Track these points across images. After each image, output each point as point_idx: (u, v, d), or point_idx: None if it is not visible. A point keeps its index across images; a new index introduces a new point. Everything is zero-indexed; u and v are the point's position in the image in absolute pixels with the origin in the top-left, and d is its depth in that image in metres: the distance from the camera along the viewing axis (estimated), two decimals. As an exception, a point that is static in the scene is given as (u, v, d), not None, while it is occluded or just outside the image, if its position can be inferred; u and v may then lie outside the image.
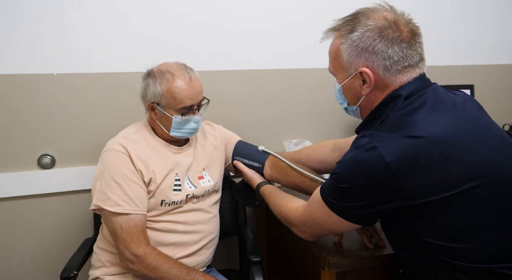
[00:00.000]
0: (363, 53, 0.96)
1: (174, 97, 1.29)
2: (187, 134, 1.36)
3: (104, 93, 1.64)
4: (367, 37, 0.95)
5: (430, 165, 0.86)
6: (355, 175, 0.91)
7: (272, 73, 1.82)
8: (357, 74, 0.98)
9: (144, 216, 1.28)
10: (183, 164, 1.38)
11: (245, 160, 1.49)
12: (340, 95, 1.07)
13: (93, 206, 1.28)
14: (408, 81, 0.96)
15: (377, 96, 0.99)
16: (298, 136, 1.87)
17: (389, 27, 0.95)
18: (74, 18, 1.57)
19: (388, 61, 0.95)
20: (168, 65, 1.34)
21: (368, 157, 0.89)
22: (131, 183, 1.26)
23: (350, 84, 1.02)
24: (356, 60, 0.97)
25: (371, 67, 0.96)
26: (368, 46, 0.95)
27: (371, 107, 1.02)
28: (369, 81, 0.97)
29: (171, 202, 1.33)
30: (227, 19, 1.74)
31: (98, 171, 1.31)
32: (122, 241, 1.23)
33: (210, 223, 1.41)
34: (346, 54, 0.99)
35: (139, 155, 1.29)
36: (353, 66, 0.98)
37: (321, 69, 1.84)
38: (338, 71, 1.04)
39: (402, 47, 0.95)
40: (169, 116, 1.31)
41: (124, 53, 1.63)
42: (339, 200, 0.95)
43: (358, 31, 0.96)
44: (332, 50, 1.04)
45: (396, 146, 0.87)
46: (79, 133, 1.63)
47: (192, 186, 1.38)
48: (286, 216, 1.17)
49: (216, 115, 1.72)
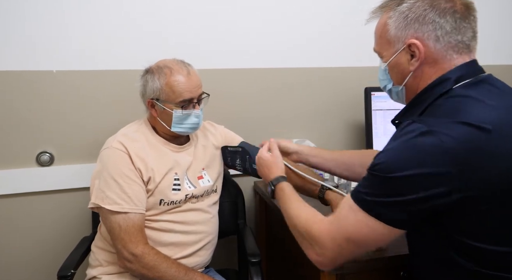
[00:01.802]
0: (413, 24, 0.90)
1: (173, 91, 1.29)
2: (188, 130, 1.35)
3: (104, 91, 1.63)
4: (417, 7, 0.89)
5: (491, 157, 0.79)
6: (407, 161, 0.80)
7: (273, 72, 1.81)
8: (405, 48, 0.92)
9: (143, 215, 1.27)
10: (182, 163, 1.37)
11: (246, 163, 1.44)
12: (385, 76, 1.00)
13: (91, 204, 1.27)
14: (459, 64, 0.90)
15: (425, 72, 0.92)
16: (299, 136, 1.86)
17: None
18: (74, 15, 1.56)
19: (440, 31, 0.88)
20: (165, 61, 1.35)
21: (424, 142, 0.80)
22: (130, 181, 1.25)
23: (397, 60, 0.95)
24: (405, 32, 0.91)
25: (421, 38, 0.89)
26: (418, 16, 0.89)
27: (417, 86, 0.94)
28: (419, 53, 0.90)
29: (170, 202, 1.32)
30: (230, 16, 1.72)
31: (97, 169, 1.30)
32: (120, 240, 1.22)
33: (209, 224, 1.40)
34: (393, 27, 0.93)
35: (138, 154, 1.28)
36: (401, 40, 0.92)
37: (323, 68, 1.86)
38: (384, 48, 0.97)
39: (456, 17, 0.88)
40: (169, 110, 1.31)
41: (124, 50, 1.62)
42: (383, 196, 0.83)
43: (407, 2, 0.91)
44: (379, 27, 0.98)
45: (455, 132, 0.79)
46: (78, 131, 1.62)
47: (192, 186, 1.37)
48: (306, 228, 0.96)
49: (217, 113, 1.71)
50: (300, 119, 1.88)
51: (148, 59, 1.38)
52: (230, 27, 1.73)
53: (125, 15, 1.61)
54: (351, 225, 0.87)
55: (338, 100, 1.90)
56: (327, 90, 1.88)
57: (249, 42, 1.76)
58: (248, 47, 1.76)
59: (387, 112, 1.78)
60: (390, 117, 1.74)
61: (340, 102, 1.90)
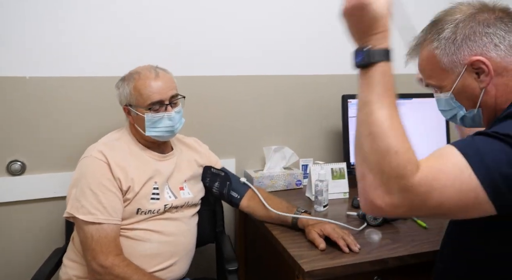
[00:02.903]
0: (465, 43, 0.86)
1: (141, 94, 1.29)
2: (164, 133, 1.34)
3: (79, 98, 1.59)
4: (462, 27, 0.86)
5: None
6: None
7: (252, 79, 1.81)
8: (468, 68, 0.86)
9: (117, 226, 1.24)
10: (164, 172, 1.36)
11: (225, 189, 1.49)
12: (453, 105, 0.92)
13: (66, 214, 1.25)
14: None
15: (499, 84, 0.86)
16: (278, 143, 1.86)
17: (480, 11, 0.87)
18: (48, 19, 1.52)
19: (496, 38, 0.84)
20: (138, 67, 1.36)
21: None
22: (107, 191, 1.23)
23: (462, 84, 0.88)
24: (459, 54, 0.86)
25: (480, 54, 0.85)
26: (468, 34, 0.85)
27: (494, 101, 0.87)
28: (486, 67, 0.84)
29: (147, 211, 1.30)
30: (209, 24, 1.72)
31: (74, 177, 1.28)
32: (90, 251, 1.19)
33: (187, 235, 1.39)
34: (444, 55, 0.88)
35: (118, 163, 1.27)
36: (459, 63, 0.87)
37: (301, 75, 1.87)
38: (442, 79, 0.90)
39: (504, 21, 0.85)
40: (141, 115, 1.31)
41: (99, 56, 1.59)
42: (497, 157, 0.68)
43: (448, 27, 0.87)
44: (425, 62, 0.93)
45: None
46: (52, 138, 1.58)
47: (172, 195, 1.36)
48: (397, 161, 0.68)
49: (197, 120, 1.70)
50: (279, 126, 1.88)
51: (125, 66, 1.38)
52: (209, 35, 1.72)
53: (105, 21, 1.59)
54: (450, 181, 0.68)
55: (315, 107, 1.92)
56: (305, 97, 1.90)
57: (228, 50, 1.76)
58: (227, 54, 1.76)
59: (364, 119, 1.80)
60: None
61: (317, 109, 1.92)
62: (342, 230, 1.24)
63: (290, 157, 1.81)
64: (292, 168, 1.85)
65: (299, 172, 1.82)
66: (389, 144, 0.69)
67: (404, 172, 0.67)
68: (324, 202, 1.52)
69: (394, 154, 0.69)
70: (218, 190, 1.49)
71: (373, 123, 0.72)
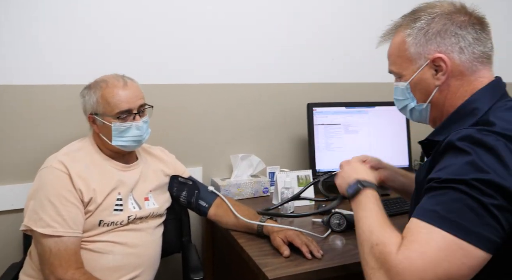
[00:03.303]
0: (434, 39, 0.89)
1: (108, 102, 1.27)
2: (131, 143, 1.31)
3: (38, 106, 1.54)
4: (436, 22, 0.89)
5: None
6: (482, 169, 0.71)
7: (217, 88, 1.82)
8: (429, 63, 0.90)
9: (78, 239, 1.21)
10: (128, 182, 1.34)
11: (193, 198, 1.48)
12: (407, 95, 0.96)
13: (23, 227, 1.21)
14: (489, 81, 0.89)
15: (452, 86, 0.89)
16: (245, 151, 1.87)
17: (458, 12, 0.89)
18: (15, 26, 1.47)
19: (463, 42, 0.87)
20: (104, 76, 1.34)
21: (491, 143, 0.73)
22: (67, 203, 1.20)
23: (420, 77, 0.92)
24: (426, 47, 0.89)
25: (445, 52, 0.88)
26: (439, 30, 0.88)
27: (443, 101, 0.91)
28: (445, 67, 0.88)
29: (110, 223, 1.27)
30: (174, 31, 1.71)
31: (33, 188, 1.23)
32: (48, 265, 1.15)
33: (152, 246, 1.36)
34: (413, 44, 0.91)
35: (80, 174, 1.24)
36: (423, 55, 0.90)
37: (266, 84, 1.89)
38: (404, 67, 0.94)
39: (476, 28, 0.88)
40: (108, 124, 1.28)
41: (60, 64, 1.55)
42: (462, 213, 0.70)
43: (424, 18, 0.90)
44: (395, 46, 0.95)
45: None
46: (8, 148, 1.52)
47: (137, 206, 1.34)
48: (383, 256, 0.74)
49: (162, 129, 1.68)
50: (245, 134, 1.89)
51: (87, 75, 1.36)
52: (174, 44, 1.71)
53: (73, 29, 1.56)
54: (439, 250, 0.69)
55: (282, 115, 1.94)
56: (271, 105, 1.92)
57: (193, 59, 1.75)
58: (193, 63, 1.76)
59: (328, 126, 1.84)
60: (331, 132, 1.85)
61: (283, 117, 1.95)
62: (306, 237, 1.26)
63: (257, 165, 1.83)
64: (259, 175, 1.86)
65: (266, 180, 1.83)
66: (372, 246, 0.79)
67: (388, 268, 0.72)
68: (290, 210, 1.54)
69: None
70: (185, 199, 1.48)
71: (359, 235, 0.84)
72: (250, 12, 1.83)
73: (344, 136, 1.85)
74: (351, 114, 1.86)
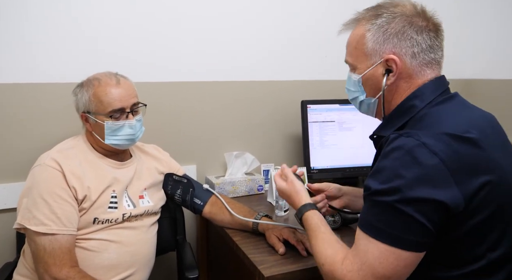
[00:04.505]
0: (391, 39, 0.92)
1: (101, 101, 1.26)
2: (124, 141, 1.31)
3: (31, 104, 1.52)
4: (396, 22, 0.92)
5: (479, 165, 0.81)
6: (407, 182, 0.78)
7: (211, 85, 1.81)
8: (382, 62, 0.93)
9: (72, 237, 1.20)
10: (122, 180, 1.33)
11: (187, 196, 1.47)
12: (358, 87, 1.00)
13: (16, 225, 1.19)
14: (432, 79, 0.93)
15: (400, 87, 0.94)
16: (239, 149, 1.87)
17: (418, 15, 0.93)
18: (5, 23, 1.45)
19: (417, 48, 0.91)
20: (97, 73, 1.32)
21: (418, 157, 0.79)
22: (61, 201, 1.19)
23: (372, 73, 0.96)
24: (383, 46, 0.92)
25: (398, 54, 0.92)
26: (398, 31, 0.91)
27: (391, 99, 0.96)
28: (396, 69, 0.92)
29: (105, 220, 1.26)
30: (169, 29, 1.70)
31: (26, 186, 1.22)
32: (43, 264, 1.14)
33: (147, 245, 1.36)
34: (372, 40, 0.94)
35: (73, 171, 1.23)
36: (379, 53, 0.93)
37: (260, 81, 1.89)
38: (360, 60, 0.97)
39: (431, 36, 0.92)
40: (101, 122, 1.27)
41: (50, 62, 1.53)
42: (392, 226, 0.80)
43: (386, 17, 0.93)
44: (354, 38, 0.98)
45: (444, 144, 0.80)
46: (2, 148, 1.50)
47: (131, 204, 1.33)
48: (332, 274, 0.87)
49: (156, 127, 1.67)
50: (239, 131, 1.89)
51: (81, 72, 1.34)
52: (167, 41, 1.70)
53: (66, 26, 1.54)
54: (375, 259, 0.81)
55: (276, 112, 1.94)
56: (265, 103, 1.92)
57: (187, 56, 1.74)
58: (186, 61, 1.75)
59: (323, 124, 1.85)
60: (325, 129, 1.85)
61: (278, 114, 1.94)
62: (301, 234, 1.26)
63: (252, 163, 1.82)
64: (253, 173, 1.86)
65: (261, 178, 1.83)
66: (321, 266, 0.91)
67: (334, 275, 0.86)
68: (284, 207, 1.54)
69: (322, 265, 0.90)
70: (180, 197, 1.48)
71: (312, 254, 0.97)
72: (243, 9, 1.82)
73: (339, 133, 1.86)
74: (345, 111, 1.87)
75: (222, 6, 1.78)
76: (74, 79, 1.36)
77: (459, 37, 2.32)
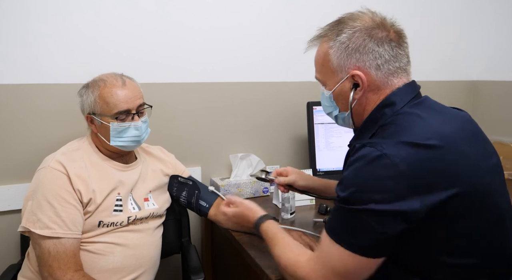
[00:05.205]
0: (354, 54, 0.93)
1: (107, 102, 1.24)
2: (130, 143, 1.29)
3: (36, 105, 1.51)
4: (356, 37, 0.93)
5: (442, 173, 0.82)
6: (368, 192, 0.82)
7: (218, 87, 1.80)
8: (349, 78, 0.95)
9: (77, 240, 1.19)
10: (127, 182, 1.31)
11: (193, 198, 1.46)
12: (331, 103, 1.02)
13: (21, 228, 1.18)
14: (401, 86, 0.95)
15: (370, 99, 0.96)
16: (244, 150, 1.85)
17: (377, 27, 0.94)
18: (11, 24, 1.44)
19: (380, 60, 0.93)
20: (102, 74, 1.31)
21: (379, 167, 0.81)
22: (66, 204, 1.17)
23: (341, 88, 0.98)
24: (347, 62, 0.94)
25: (363, 68, 0.93)
26: (359, 46, 0.93)
27: (363, 111, 0.98)
28: (362, 84, 0.94)
29: (110, 223, 1.25)
30: (175, 31, 1.69)
31: (31, 189, 1.21)
32: (47, 268, 1.13)
33: (152, 248, 1.34)
34: (335, 57, 0.96)
35: (78, 174, 1.22)
36: (344, 69, 0.95)
37: (266, 82, 1.88)
38: (328, 77, 0.99)
39: (392, 46, 0.94)
40: (106, 124, 1.26)
41: (53, 63, 1.52)
42: (353, 232, 0.84)
43: (346, 32, 0.94)
44: (320, 56, 1.00)
45: (404, 152, 0.81)
46: (6, 148, 1.49)
47: (136, 207, 1.32)
48: (295, 274, 0.94)
49: (160, 129, 1.66)
50: (245, 133, 1.88)
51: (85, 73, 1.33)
52: (172, 43, 1.69)
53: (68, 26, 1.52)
54: (335, 261, 0.87)
55: (281, 114, 1.93)
56: (271, 104, 1.90)
57: (193, 57, 1.73)
58: (191, 62, 1.74)
59: (329, 125, 1.83)
60: (331, 131, 1.83)
61: (283, 116, 1.93)
62: (309, 237, 1.24)
63: (257, 165, 1.81)
64: (259, 175, 1.84)
65: (266, 179, 1.81)
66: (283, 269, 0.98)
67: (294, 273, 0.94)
68: (291, 210, 1.52)
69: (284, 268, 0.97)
70: (186, 199, 1.46)
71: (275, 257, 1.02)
72: (249, 9, 1.81)
73: (344, 135, 1.84)
74: (351, 113, 1.85)
75: (229, 7, 1.77)
76: (78, 81, 1.35)
77: (464, 38, 2.31)
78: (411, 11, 2.13)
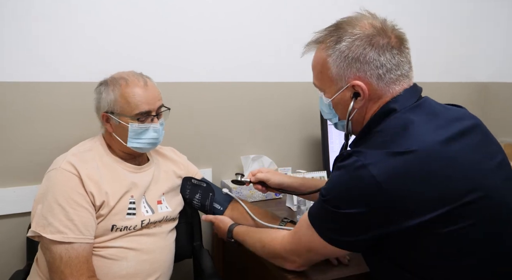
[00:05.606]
0: (354, 63, 0.90)
1: (129, 102, 1.20)
2: (147, 145, 1.25)
3: (46, 104, 1.46)
4: (356, 46, 0.90)
5: (424, 181, 0.80)
6: (345, 200, 0.85)
7: (229, 87, 1.75)
8: (349, 87, 0.92)
9: (90, 245, 1.14)
10: (140, 184, 1.27)
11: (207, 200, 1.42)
12: (330, 110, 1.00)
13: (31, 233, 1.13)
14: (400, 92, 0.92)
15: (370, 107, 0.94)
16: (256, 152, 1.81)
17: (378, 34, 0.91)
18: (17, 22, 1.40)
19: (381, 69, 0.90)
20: (122, 72, 1.26)
21: (358, 178, 0.83)
22: (78, 207, 1.12)
23: (341, 97, 0.95)
24: (347, 71, 0.91)
25: (364, 77, 0.90)
26: (359, 55, 0.89)
27: (362, 120, 0.96)
28: (363, 94, 0.91)
29: (123, 227, 1.20)
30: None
31: (40, 192, 1.16)
32: (59, 274, 1.08)
33: (166, 252, 1.30)
34: (335, 66, 0.92)
35: (90, 176, 1.17)
36: (344, 78, 0.92)
37: (279, 83, 1.84)
38: (326, 85, 0.96)
39: (394, 54, 0.91)
40: (125, 124, 1.21)
41: (61, 61, 1.47)
42: (329, 226, 0.90)
43: (346, 40, 0.91)
44: (318, 63, 0.97)
45: (386, 163, 0.81)
46: (15, 149, 1.43)
47: (150, 210, 1.27)
48: (271, 249, 1.06)
49: (171, 129, 1.61)
50: (256, 134, 1.83)
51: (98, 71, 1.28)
52: (185, 41, 1.65)
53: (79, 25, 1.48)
54: (308, 242, 0.95)
55: (294, 115, 1.88)
56: (283, 105, 1.86)
57: (204, 56, 1.69)
58: (203, 61, 1.69)
59: (343, 127, 1.79)
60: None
61: (296, 117, 1.89)
62: None
63: (269, 166, 1.77)
64: (270, 177, 1.79)
65: (278, 182, 1.76)
66: (264, 252, 1.11)
67: (278, 253, 1.05)
68: (303, 212, 1.48)
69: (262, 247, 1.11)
70: (199, 202, 1.41)
71: (255, 250, 1.15)
72: (263, 8, 1.77)
73: (358, 136, 1.81)
74: (365, 114, 1.81)
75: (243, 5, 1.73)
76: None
77: (476, 40, 2.29)
78: (423, 12, 2.10)
